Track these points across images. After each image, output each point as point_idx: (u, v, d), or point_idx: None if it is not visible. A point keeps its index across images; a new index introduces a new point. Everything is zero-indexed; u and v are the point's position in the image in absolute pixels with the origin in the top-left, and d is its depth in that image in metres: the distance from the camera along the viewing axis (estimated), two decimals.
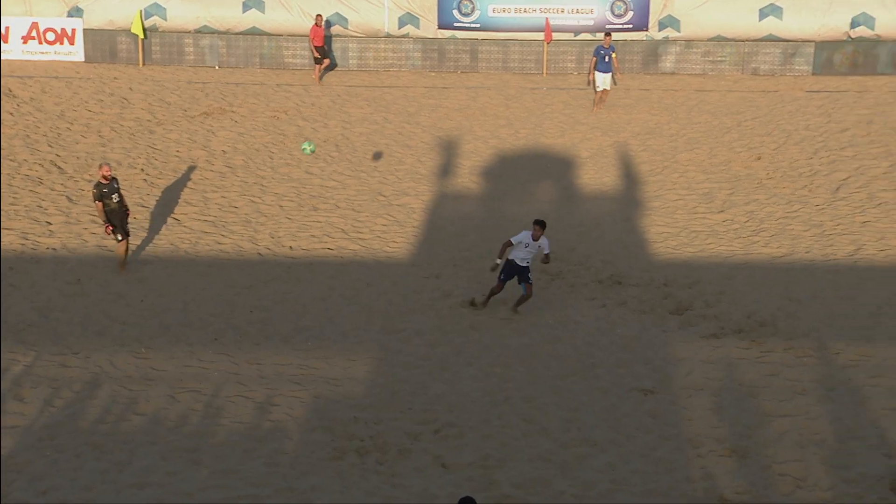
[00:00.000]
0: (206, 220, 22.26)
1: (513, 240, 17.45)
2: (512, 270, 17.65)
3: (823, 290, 18.73)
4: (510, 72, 34.35)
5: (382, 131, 28.40)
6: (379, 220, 22.47)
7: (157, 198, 23.30)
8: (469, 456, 13.82)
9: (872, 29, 32.87)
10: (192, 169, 25.16)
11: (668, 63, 33.75)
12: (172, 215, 22.43)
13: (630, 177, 25.00)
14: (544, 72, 34.16)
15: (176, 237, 21.37)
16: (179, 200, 23.24)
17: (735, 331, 17.27)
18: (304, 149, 21.81)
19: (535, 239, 17.40)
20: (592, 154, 26.51)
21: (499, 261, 17.53)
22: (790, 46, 33.26)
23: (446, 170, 25.59)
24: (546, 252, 17.59)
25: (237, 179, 24.67)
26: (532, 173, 25.34)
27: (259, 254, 20.71)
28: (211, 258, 20.43)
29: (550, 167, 25.75)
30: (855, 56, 32.90)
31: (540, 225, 17.43)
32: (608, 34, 29.65)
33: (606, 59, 29.23)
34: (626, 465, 13.63)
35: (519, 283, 17.83)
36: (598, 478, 13.36)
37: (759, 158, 25.76)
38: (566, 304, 18.52)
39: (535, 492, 13.06)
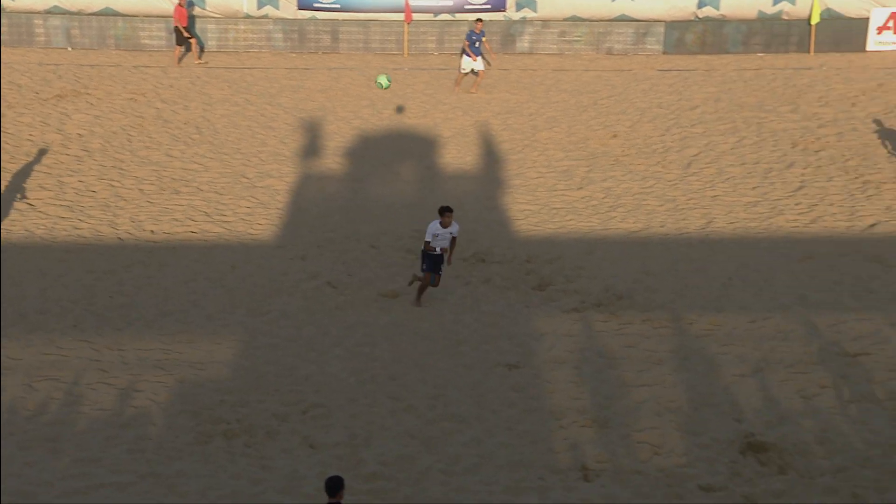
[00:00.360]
0: (62, 205, 21.58)
1: (428, 240, 17.07)
2: (433, 260, 17.40)
3: (677, 262, 19.19)
4: (371, 52, 34.20)
5: (244, 113, 27.96)
6: (242, 202, 22.12)
7: (10, 183, 22.48)
8: (336, 435, 13.75)
9: (718, 9, 33.75)
10: (45, 153, 24.35)
11: (525, 43, 34.06)
12: (27, 200, 21.67)
13: (491, 156, 25.18)
14: (405, 52, 34.10)
15: (31, 223, 20.66)
16: (34, 185, 22.47)
17: (595, 304, 17.57)
18: (381, 83, 19.01)
19: (446, 226, 17.18)
20: (454, 134, 26.59)
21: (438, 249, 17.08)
22: (642, 26, 33.90)
23: (310, 151, 25.35)
24: (455, 236, 17.38)
25: (94, 163, 23.97)
26: (395, 154, 25.29)
27: (119, 238, 20.17)
28: (69, 243, 19.82)
29: (413, 147, 25.74)
30: (704, 35, 33.75)
31: (449, 210, 17.20)
32: (479, 20, 29.85)
33: (477, 43, 29.48)
34: (492, 438, 13.75)
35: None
36: (464, 452, 13.44)
37: (615, 136, 26.23)
38: None
39: (402, 468, 13.07)
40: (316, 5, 34.10)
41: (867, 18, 32.70)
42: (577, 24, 33.99)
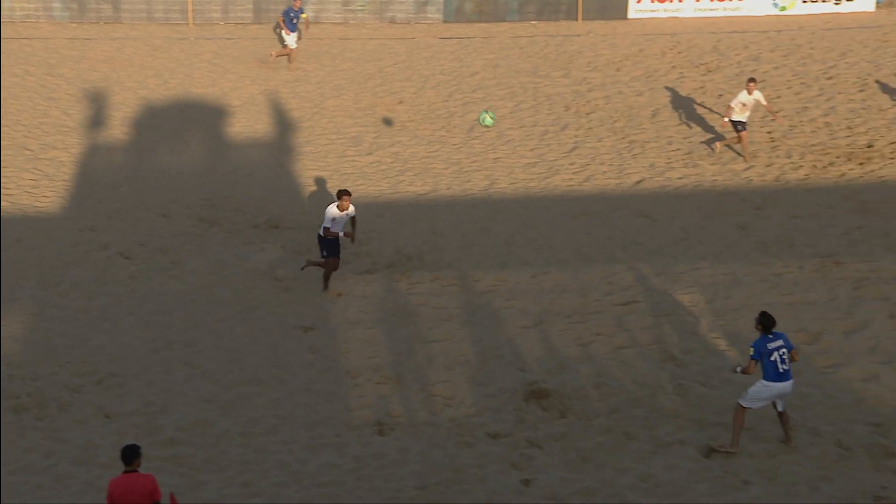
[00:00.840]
0: None
1: (328, 225, 16.35)
2: (333, 245, 16.65)
3: (463, 223, 19.51)
4: (156, 22, 33.10)
5: (23, 84, 26.63)
6: (26, 174, 21.12)
7: None
8: (132, 404, 13.40)
9: None
10: None
11: (309, 13, 33.70)
12: None
13: (281, 124, 24.88)
14: (190, 22, 33.18)
15: None
16: None
17: (386, 266, 17.68)
18: (484, 120, 16.02)
19: (344, 209, 16.49)
20: (244, 103, 26.12)
21: (341, 234, 16.41)
22: None
23: (95, 122, 24.39)
24: (353, 216, 16.68)
25: None
26: (183, 123, 24.65)
27: None
28: None
29: (202, 116, 25.14)
30: (481, 4, 34.24)
31: (346, 194, 16.43)
32: None
33: (295, 20, 29.07)
34: (290, 399, 13.70)
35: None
36: (262, 414, 13.34)
37: (400, 102, 26.35)
38: (224, 250, 18.25)
39: (200, 433, 12.88)
40: None
41: None
42: None
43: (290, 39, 29.15)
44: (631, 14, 33.97)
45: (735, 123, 21.96)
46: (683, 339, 15.03)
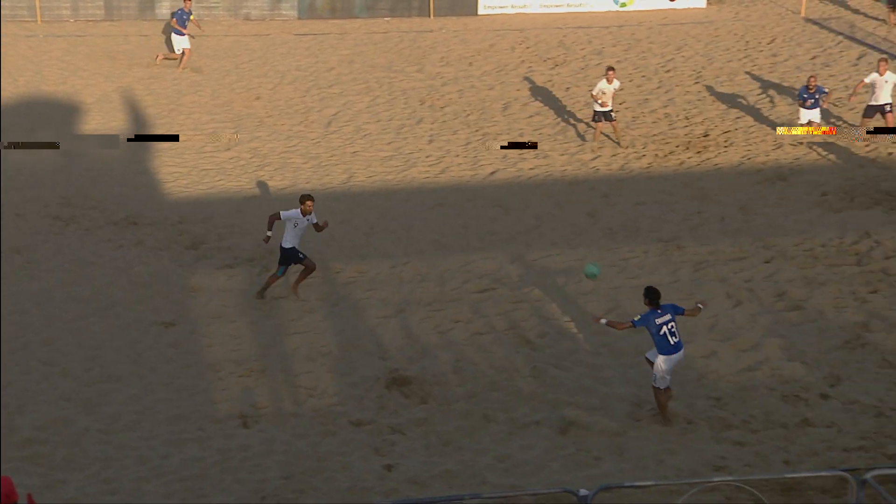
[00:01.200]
0: None
1: (282, 214, 15.68)
2: (289, 257, 15.92)
3: (324, 216, 19.35)
4: (2, 19, 31.79)
5: None
6: None
7: None
8: None
9: None
10: None
11: (164, 10, 32.91)
12: None
13: (138, 121, 24.23)
14: (38, 19, 32.00)
15: None
16: None
17: (247, 260, 17.42)
18: (591, 272, 14.25)
19: (306, 213, 15.76)
20: (97, 100, 25.34)
21: (269, 233, 15.76)
22: None
23: None
24: (315, 221, 15.95)
25: None
26: (35, 121, 23.77)
27: None
28: None
29: (53, 114, 24.29)
30: (334, 1, 34.04)
31: (310, 198, 15.75)
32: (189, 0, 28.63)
33: (187, 21, 28.27)
34: (151, 395, 13.37)
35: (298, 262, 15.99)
36: (123, 410, 12.99)
37: (258, 98, 25.98)
38: (82, 248, 17.68)
39: (59, 432, 12.46)
40: None
41: None
42: None
43: (184, 41, 28.37)
44: (481, 10, 34.27)
45: (599, 114, 22.44)
46: (538, 323, 15.26)
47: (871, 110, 21.73)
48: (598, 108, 22.40)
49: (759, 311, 15.30)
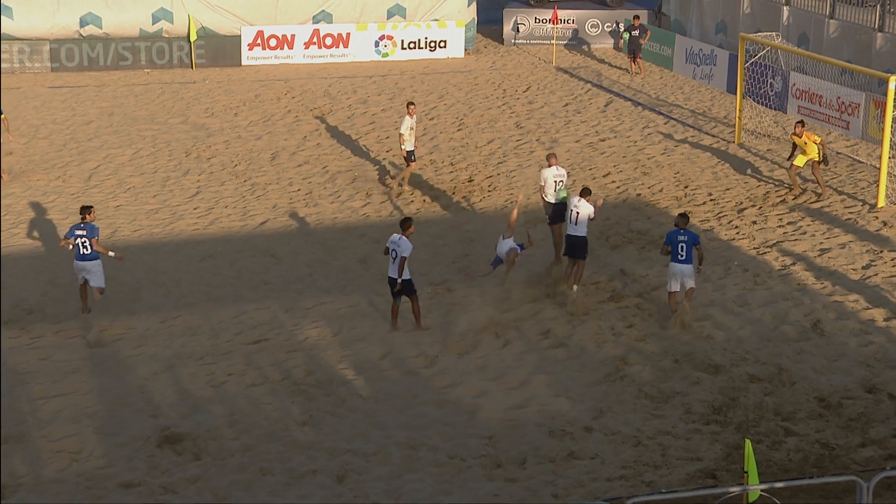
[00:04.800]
0: None
1: (394, 247, 16.07)
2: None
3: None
4: None
5: None
6: None
7: None
8: None
9: (101, 28, 33.25)
10: None
11: None
12: None
13: None
14: None
15: None
16: None
17: (3, 322, 16.55)
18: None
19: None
20: None
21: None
22: (27, 45, 32.47)
23: None
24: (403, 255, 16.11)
25: None
26: None
27: None
28: None
29: None
30: (90, 52, 33.07)
31: (407, 223, 16.30)
32: None
33: None
34: None
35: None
36: None
37: (10, 154, 24.83)
38: None
39: None
40: None
41: (239, 36, 34.06)
42: None
43: None
44: (244, 61, 34.11)
45: (410, 153, 22.73)
46: (312, 371, 15.20)
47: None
48: (409, 147, 22.69)
49: (526, 349, 15.81)
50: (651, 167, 24.05)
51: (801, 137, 21.57)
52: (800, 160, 21.73)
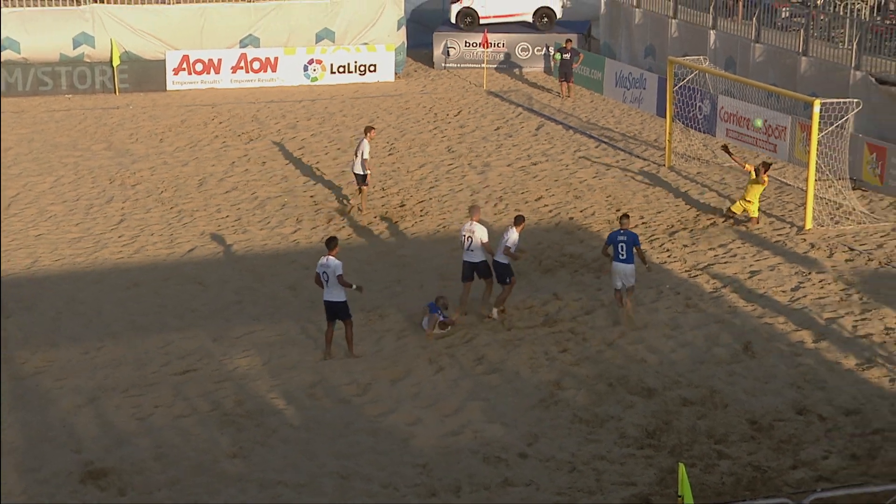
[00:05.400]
0: None
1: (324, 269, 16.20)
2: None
3: (4, 303, 18.28)
4: None
5: None
6: None
7: None
8: None
9: (19, 52, 32.77)
10: None
11: None
12: None
13: None
14: None
15: None
16: None
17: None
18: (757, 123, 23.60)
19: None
20: None
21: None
22: None
23: None
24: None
25: None
26: None
27: None
28: None
29: None
30: (9, 78, 32.55)
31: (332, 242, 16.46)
32: None
33: None
34: None
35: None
36: None
37: None
38: None
39: None
40: None
41: (164, 60, 33.79)
42: None
43: None
44: (170, 86, 33.83)
45: (363, 176, 22.74)
46: (242, 401, 15.03)
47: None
48: (364, 171, 22.74)
49: (460, 375, 15.82)
50: (583, 190, 24.31)
51: (757, 179, 21.25)
52: (738, 207, 21.54)
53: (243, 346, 16.87)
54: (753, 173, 21.70)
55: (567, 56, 32.95)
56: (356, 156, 22.99)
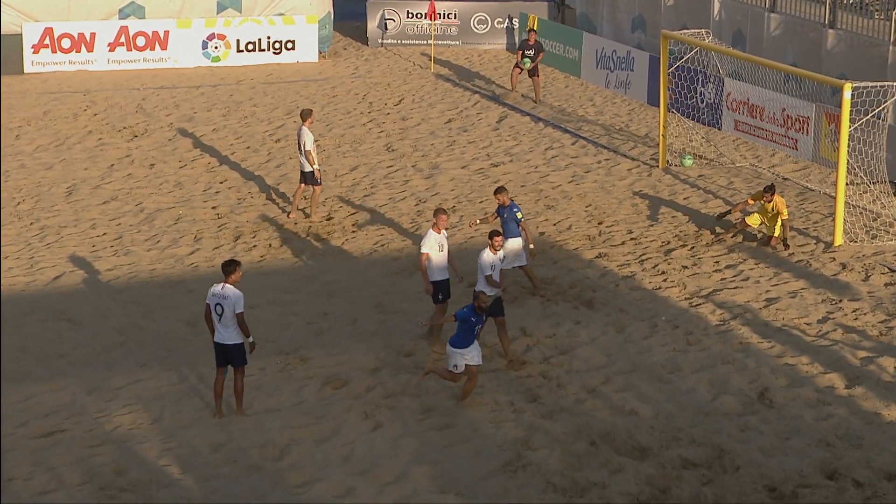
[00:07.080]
0: None
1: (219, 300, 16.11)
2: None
3: None
4: None
5: None
6: None
7: None
8: None
9: None
10: None
11: None
12: None
13: None
14: None
15: None
16: None
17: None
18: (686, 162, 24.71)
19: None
20: None
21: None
22: None
23: None
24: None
25: None
26: None
27: None
28: None
29: None
30: None
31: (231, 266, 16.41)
32: None
33: None
34: None
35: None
36: None
37: None
38: None
39: None
40: None
41: (20, 35, 33.48)
42: None
43: None
44: (28, 67, 33.63)
45: (311, 174, 23.10)
46: (124, 470, 14.96)
47: None
48: (311, 168, 23.11)
49: (403, 433, 15.86)
50: (557, 198, 24.51)
51: (770, 203, 21.31)
52: (754, 219, 21.68)
53: (126, 400, 16.81)
54: (757, 203, 21.65)
55: (530, 52, 31.19)
56: (299, 150, 23.19)
